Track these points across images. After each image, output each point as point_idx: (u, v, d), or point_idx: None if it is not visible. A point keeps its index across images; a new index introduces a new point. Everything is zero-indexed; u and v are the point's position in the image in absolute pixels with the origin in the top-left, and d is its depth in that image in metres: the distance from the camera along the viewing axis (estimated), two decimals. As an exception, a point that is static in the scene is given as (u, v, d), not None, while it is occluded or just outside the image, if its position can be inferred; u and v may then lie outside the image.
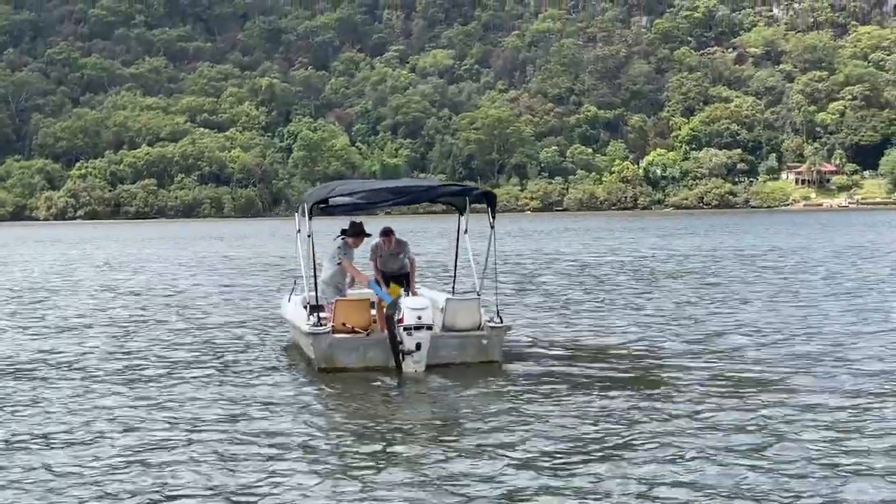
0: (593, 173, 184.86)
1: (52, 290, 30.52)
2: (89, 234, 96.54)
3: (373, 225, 16.02)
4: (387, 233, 15.77)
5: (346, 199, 14.77)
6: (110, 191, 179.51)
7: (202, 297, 27.10)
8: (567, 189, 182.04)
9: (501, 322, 14.72)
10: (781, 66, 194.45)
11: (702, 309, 21.93)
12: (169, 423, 11.32)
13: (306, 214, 14.81)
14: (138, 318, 22.24)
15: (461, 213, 16.03)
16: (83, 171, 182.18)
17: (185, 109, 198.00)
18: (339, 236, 15.48)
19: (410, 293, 15.09)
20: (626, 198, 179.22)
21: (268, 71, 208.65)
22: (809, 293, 25.07)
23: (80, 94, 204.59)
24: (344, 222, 15.83)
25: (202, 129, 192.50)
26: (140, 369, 14.98)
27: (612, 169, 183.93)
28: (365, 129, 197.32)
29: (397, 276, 15.64)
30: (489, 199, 15.44)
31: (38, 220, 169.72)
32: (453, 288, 17.20)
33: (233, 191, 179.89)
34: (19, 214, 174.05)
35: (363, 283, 15.55)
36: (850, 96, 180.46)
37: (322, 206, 14.87)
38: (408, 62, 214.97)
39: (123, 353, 16.75)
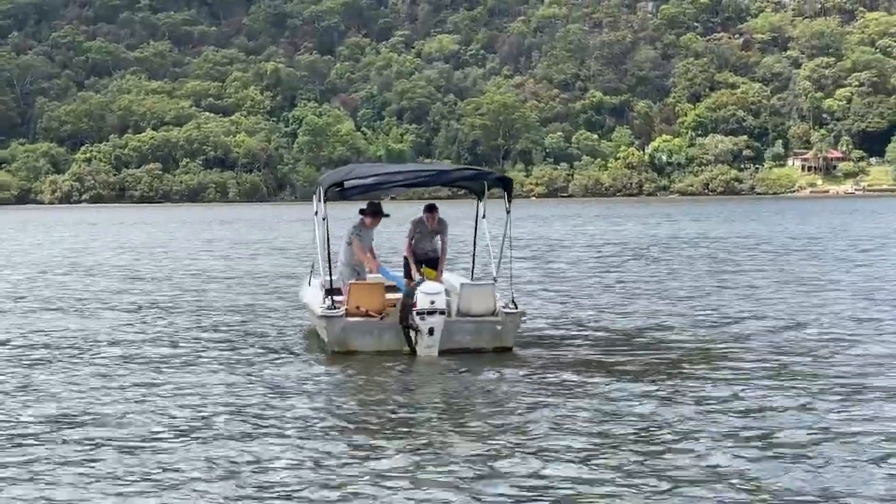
0: (598, 159, 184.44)
1: (68, 273, 30.48)
2: (103, 217, 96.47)
3: (387, 209, 15.88)
4: (431, 208, 15.59)
5: (361, 182, 14.62)
6: (115, 175, 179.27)
7: (221, 280, 27.09)
8: (572, 175, 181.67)
9: (516, 308, 14.60)
10: (788, 53, 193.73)
11: (720, 294, 21.82)
12: (175, 405, 11.26)
13: (322, 197, 14.68)
14: (156, 301, 22.16)
15: (479, 199, 15.85)
16: (88, 154, 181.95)
17: (190, 94, 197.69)
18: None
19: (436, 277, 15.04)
20: (631, 184, 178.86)
21: (273, 55, 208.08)
22: (825, 278, 24.93)
23: (84, 78, 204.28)
24: (358, 206, 15.70)
25: (207, 113, 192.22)
26: (153, 352, 14.92)
27: (618, 155, 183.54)
28: (370, 115, 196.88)
29: (430, 259, 15.45)
30: (505, 185, 15.31)
31: (42, 203, 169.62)
32: (472, 273, 17.07)
33: (238, 175, 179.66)
34: (24, 198, 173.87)
35: (373, 269, 15.36)
36: (857, 83, 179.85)
37: (338, 189, 14.74)
38: (413, 47, 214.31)
39: (140, 336, 16.67)
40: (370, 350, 14.04)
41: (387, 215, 15.49)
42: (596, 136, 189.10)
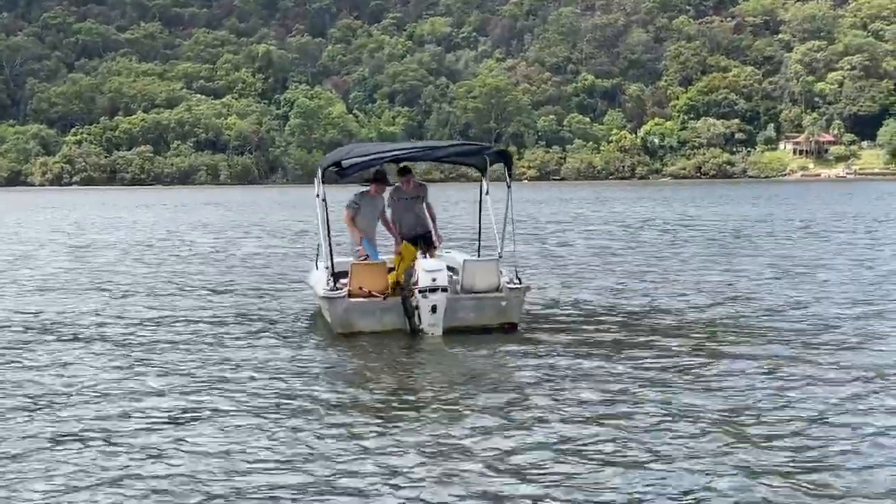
0: (591, 142, 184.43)
1: (70, 253, 30.33)
2: (98, 199, 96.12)
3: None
4: (404, 171, 15.21)
5: (358, 160, 14.46)
6: (106, 157, 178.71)
7: (228, 262, 26.95)
8: (565, 158, 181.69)
9: (520, 283, 14.48)
10: (780, 36, 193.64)
11: (727, 274, 21.73)
12: (173, 386, 11.19)
13: (320, 178, 14.58)
14: (160, 281, 22.03)
15: (482, 174, 15.69)
16: (79, 136, 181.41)
17: (181, 76, 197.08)
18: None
19: (435, 244, 14.87)
20: (623, 167, 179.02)
21: (264, 37, 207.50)
22: (820, 258, 24.87)
23: (75, 60, 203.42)
24: (356, 189, 15.56)
25: (198, 95, 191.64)
26: (153, 334, 14.80)
27: (610, 138, 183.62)
28: (362, 97, 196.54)
29: (418, 236, 15.12)
30: (505, 159, 15.17)
31: (33, 185, 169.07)
32: (479, 251, 16.92)
33: (229, 158, 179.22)
34: (14, 180, 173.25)
35: (356, 241, 15.15)
36: (848, 66, 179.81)
37: (335, 169, 14.59)
38: (405, 30, 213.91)
39: (143, 317, 16.52)
40: (374, 330, 13.92)
41: (391, 184, 15.30)
42: (588, 120, 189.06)
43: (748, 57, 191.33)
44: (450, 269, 14.38)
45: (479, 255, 16.42)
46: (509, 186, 14.83)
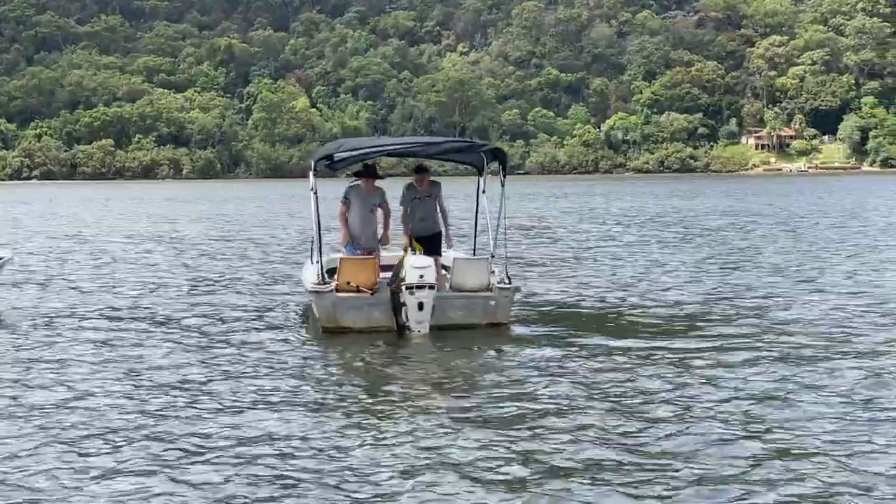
0: (555, 137, 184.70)
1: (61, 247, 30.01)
2: (78, 194, 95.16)
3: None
4: (420, 169, 14.94)
5: (350, 154, 14.29)
6: (66, 151, 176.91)
7: (216, 256, 26.84)
8: (528, 153, 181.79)
9: (510, 283, 14.34)
10: (742, 31, 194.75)
11: (721, 269, 21.75)
12: (156, 382, 11.06)
13: (312, 172, 14.41)
14: (146, 278, 21.79)
15: (479, 173, 15.50)
16: (38, 130, 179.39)
17: (143, 69, 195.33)
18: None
19: (441, 252, 14.73)
20: (587, 161, 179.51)
21: (227, 31, 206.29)
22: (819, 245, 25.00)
23: (34, 53, 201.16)
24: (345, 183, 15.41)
25: (160, 89, 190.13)
26: (137, 329, 14.62)
27: (574, 133, 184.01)
28: (325, 91, 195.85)
29: (425, 236, 14.80)
30: (499, 157, 15.02)
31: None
32: (475, 251, 16.77)
33: (191, 152, 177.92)
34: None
35: (342, 241, 14.98)
36: (809, 61, 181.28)
37: (327, 162, 14.43)
38: (368, 23, 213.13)
39: (127, 313, 16.33)
40: (361, 326, 13.74)
41: (381, 177, 15.07)
42: (552, 114, 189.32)
43: (711, 52, 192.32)
44: (444, 267, 14.26)
45: (474, 254, 16.24)
46: (503, 185, 14.71)
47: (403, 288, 13.48)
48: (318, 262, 14.21)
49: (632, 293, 17.97)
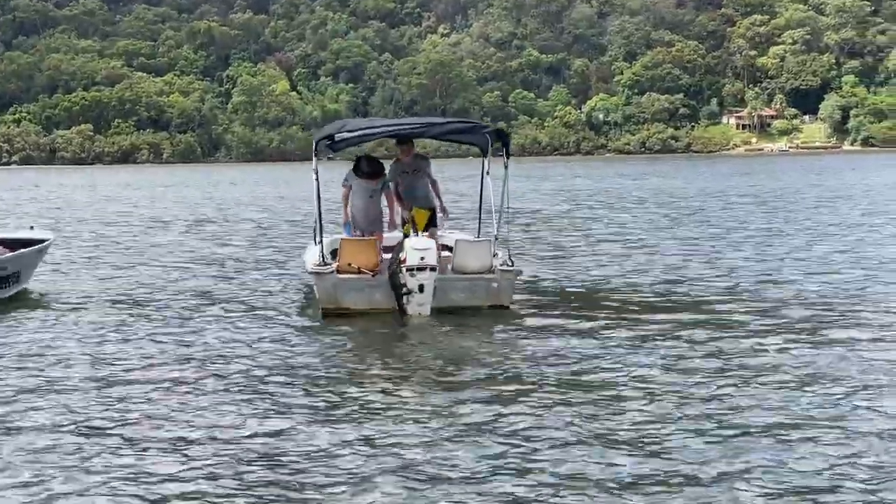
0: (536, 118, 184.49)
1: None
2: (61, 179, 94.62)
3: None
4: (403, 139, 14.80)
5: (350, 134, 14.20)
6: (45, 136, 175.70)
7: (220, 240, 26.78)
8: (509, 134, 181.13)
9: (513, 265, 14.29)
10: (722, 10, 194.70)
11: (722, 252, 21.76)
12: (156, 363, 11.07)
13: (313, 152, 14.32)
14: (146, 260, 21.70)
15: (484, 154, 15.45)
16: (17, 115, 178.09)
17: (122, 53, 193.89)
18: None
19: (437, 224, 14.66)
20: (568, 143, 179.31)
21: (206, 14, 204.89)
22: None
23: (12, 38, 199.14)
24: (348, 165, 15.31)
25: (140, 73, 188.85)
26: (136, 313, 14.54)
27: (555, 114, 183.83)
28: (305, 74, 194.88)
29: (423, 209, 14.85)
30: (502, 138, 14.97)
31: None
32: (479, 232, 16.73)
33: (171, 136, 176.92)
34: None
35: (343, 220, 14.91)
36: (790, 41, 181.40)
37: (328, 142, 14.35)
38: (348, 5, 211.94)
39: (127, 296, 16.24)
40: (362, 308, 13.69)
41: (381, 170, 14.95)
42: (533, 96, 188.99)
43: (691, 32, 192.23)
44: (447, 248, 14.21)
45: (478, 236, 16.18)
46: (506, 167, 14.67)
47: (404, 269, 13.43)
48: (320, 243, 14.15)
49: (635, 275, 17.94)
